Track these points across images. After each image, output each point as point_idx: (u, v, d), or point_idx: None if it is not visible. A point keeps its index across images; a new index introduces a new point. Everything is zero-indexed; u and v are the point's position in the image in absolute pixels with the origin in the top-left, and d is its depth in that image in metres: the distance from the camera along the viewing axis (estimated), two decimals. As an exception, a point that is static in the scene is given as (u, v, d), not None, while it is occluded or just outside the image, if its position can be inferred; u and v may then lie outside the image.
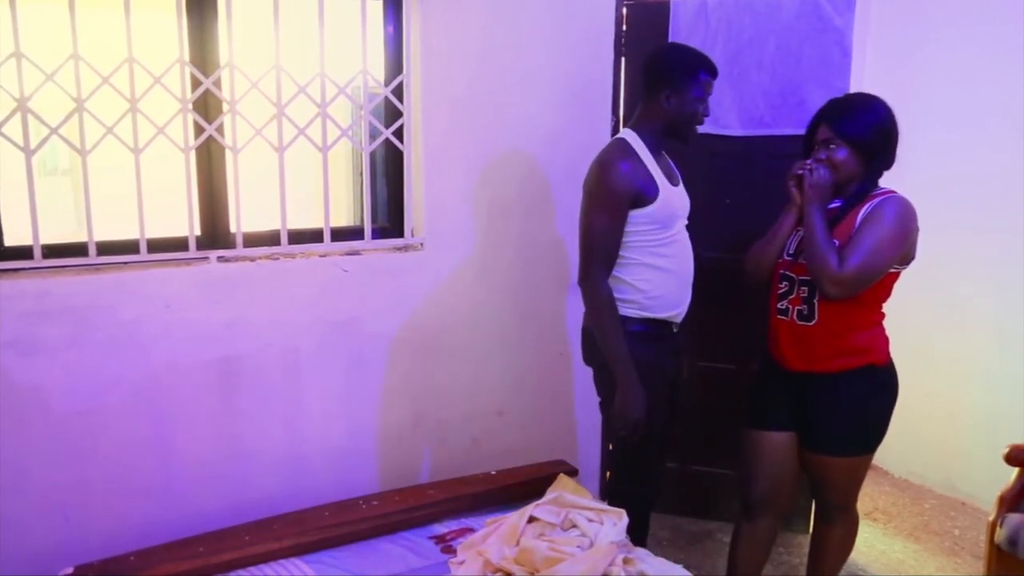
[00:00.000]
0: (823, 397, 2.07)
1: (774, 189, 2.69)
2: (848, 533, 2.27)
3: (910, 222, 1.97)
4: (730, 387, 2.83)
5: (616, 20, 2.77)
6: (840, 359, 2.03)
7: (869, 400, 2.06)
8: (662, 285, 2.12)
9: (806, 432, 2.14)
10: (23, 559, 2.05)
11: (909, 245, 1.98)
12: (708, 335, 2.81)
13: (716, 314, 2.55)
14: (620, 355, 2.04)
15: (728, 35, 2.68)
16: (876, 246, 1.92)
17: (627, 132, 2.15)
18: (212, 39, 2.21)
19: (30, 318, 2.00)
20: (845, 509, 2.22)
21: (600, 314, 2.07)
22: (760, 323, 2.34)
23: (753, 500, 2.23)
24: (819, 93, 2.60)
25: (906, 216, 1.96)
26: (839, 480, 2.16)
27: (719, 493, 3.00)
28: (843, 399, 2.05)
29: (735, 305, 2.81)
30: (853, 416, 2.06)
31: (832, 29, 2.57)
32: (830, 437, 2.09)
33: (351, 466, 2.50)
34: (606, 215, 2.05)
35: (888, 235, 1.93)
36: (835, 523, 2.24)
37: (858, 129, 2.00)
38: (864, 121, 2.00)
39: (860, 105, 2.04)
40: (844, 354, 2.03)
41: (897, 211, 1.96)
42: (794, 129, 2.65)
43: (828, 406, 2.07)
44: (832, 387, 2.05)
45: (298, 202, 2.56)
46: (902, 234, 1.94)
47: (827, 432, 2.09)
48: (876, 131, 2.00)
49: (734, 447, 2.95)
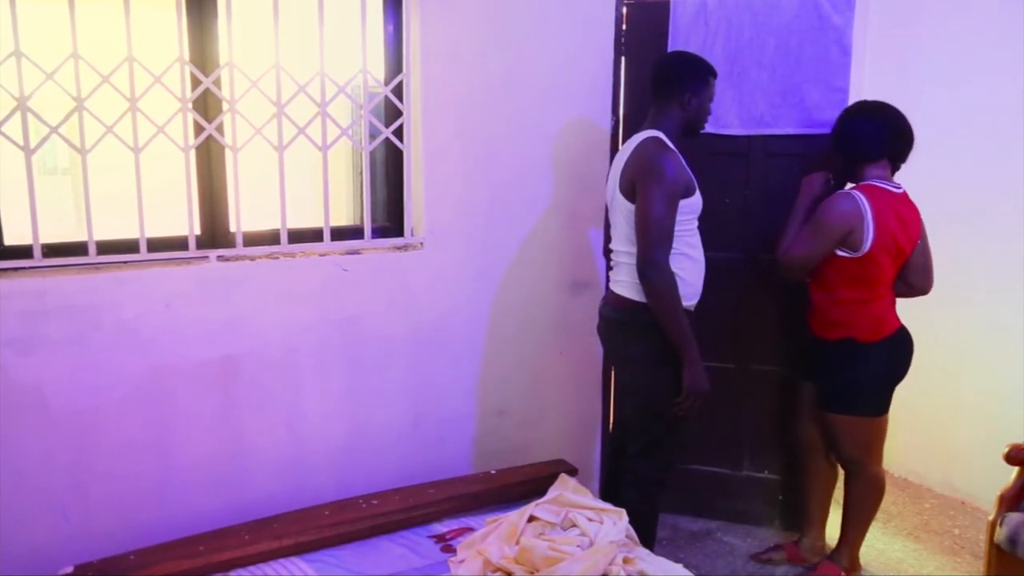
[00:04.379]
0: (820, 360, 2.50)
1: (773, 188, 2.76)
2: (863, 492, 2.51)
3: (841, 221, 2.27)
4: (728, 386, 2.83)
5: (616, 20, 2.77)
6: (828, 330, 2.44)
7: (846, 368, 2.41)
8: (694, 273, 2.26)
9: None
10: (23, 558, 2.05)
11: (843, 237, 2.28)
12: (707, 334, 2.80)
13: (715, 313, 2.54)
14: (688, 334, 2.17)
15: (728, 35, 2.68)
16: (807, 239, 2.33)
17: (655, 132, 2.22)
18: (212, 38, 2.21)
19: (30, 317, 1.99)
20: (855, 465, 2.50)
21: (670, 296, 2.14)
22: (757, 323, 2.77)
23: (795, 436, 2.64)
24: (818, 92, 2.63)
25: (837, 213, 2.28)
26: (837, 435, 2.49)
27: (718, 492, 3.00)
28: (829, 363, 2.46)
29: (733, 304, 2.81)
30: (834, 379, 2.45)
31: (831, 28, 2.59)
32: (822, 394, 2.50)
33: (351, 465, 2.50)
34: (667, 201, 2.12)
35: (819, 230, 2.30)
36: (850, 479, 2.54)
37: (836, 128, 2.42)
38: (842, 123, 2.40)
39: (854, 110, 2.42)
40: (830, 326, 2.43)
41: (832, 208, 2.29)
42: (794, 128, 2.69)
43: (821, 367, 2.50)
44: (824, 352, 2.47)
45: (298, 201, 2.56)
46: (830, 229, 2.28)
47: (820, 389, 2.52)
48: (844, 134, 2.38)
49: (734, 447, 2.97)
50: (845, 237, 2.29)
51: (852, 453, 2.48)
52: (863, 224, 2.27)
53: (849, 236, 2.28)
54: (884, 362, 2.41)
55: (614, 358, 2.44)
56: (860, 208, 2.27)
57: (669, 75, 2.27)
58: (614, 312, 2.30)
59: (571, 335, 2.87)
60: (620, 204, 2.21)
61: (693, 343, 2.18)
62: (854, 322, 2.38)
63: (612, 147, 2.80)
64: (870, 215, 2.27)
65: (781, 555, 2.73)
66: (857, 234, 2.28)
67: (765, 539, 2.86)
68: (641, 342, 2.24)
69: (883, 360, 2.41)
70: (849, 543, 2.58)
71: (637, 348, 2.26)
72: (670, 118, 2.26)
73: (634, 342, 2.26)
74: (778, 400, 2.84)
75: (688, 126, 2.29)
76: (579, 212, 2.82)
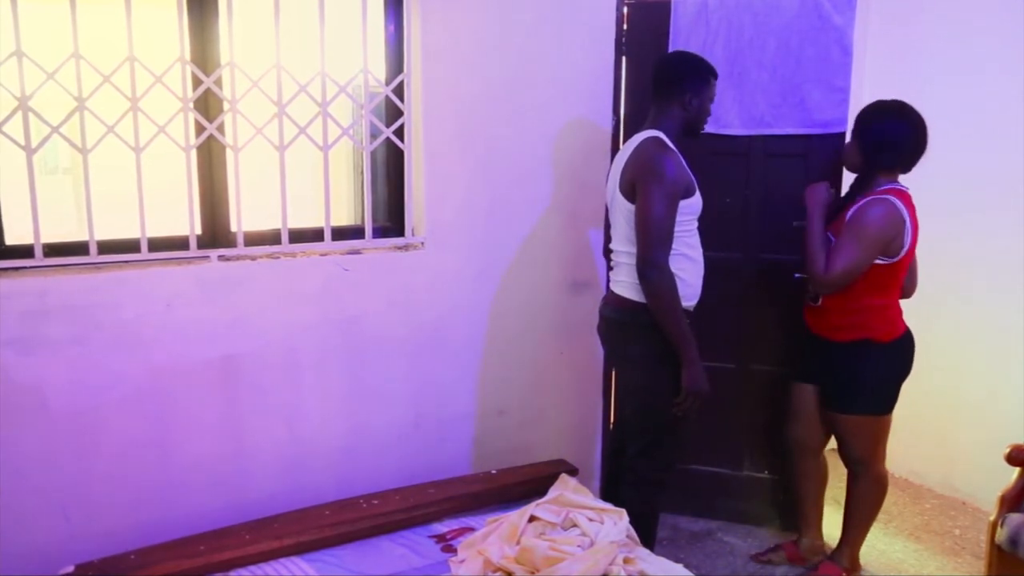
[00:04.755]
0: (826, 360, 2.49)
1: (773, 188, 2.78)
2: (865, 490, 2.53)
3: (887, 227, 2.24)
4: (728, 387, 2.83)
5: (617, 20, 2.77)
6: (841, 333, 2.42)
7: (864, 369, 2.41)
8: (694, 274, 2.26)
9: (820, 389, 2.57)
10: (24, 557, 2.05)
11: (887, 244, 2.26)
12: (707, 335, 2.80)
13: (715, 314, 2.54)
14: (688, 335, 2.17)
15: (728, 35, 2.67)
16: (854, 251, 2.26)
17: (655, 132, 2.22)
18: (213, 38, 2.21)
19: (31, 317, 2.00)
20: (861, 464, 2.51)
21: (670, 297, 2.14)
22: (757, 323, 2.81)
23: (789, 437, 2.64)
24: (819, 92, 2.63)
25: (883, 220, 2.24)
26: (848, 436, 2.50)
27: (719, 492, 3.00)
28: (842, 364, 2.44)
29: (733, 304, 2.81)
30: (849, 380, 2.44)
31: (832, 28, 2.58)
32: (832, 395, 2.50)
33: (352, 465, 2.50)
34: (667, 202, 2.12)
35: (865, 240, 2.25)
36: (853, 478, 2.56)
37: (861, 125, 2.35)
38: (871, 121, 2.33)
39: (880, 108, 2.35)
40: (844, 329, 2.42)
41: (875, 216, 2.25)
42: (794, 128, 2.69)
43: (830, 369, 2.49)
44: (833, 354, 2.46)
45: (299, 201, 2.56)
46: (878, 237, 2.24)
47: (828, 391, 2.51)
48: (876, 133, 2.32)
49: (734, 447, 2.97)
50: (889, 244, 2.26)
51: (861, 453, 2.49)
52: (904, 229, 2.26)
53: (892, 243, 2.26)
54: (898, 361, 2.44)
55: (614, 358, 2.44)
56: (901, 214, 2.25)
57: (670, 75, 2.27)
58: (614, 312, 2.30)
59: (572, 335, 2.87)
60: (620, 204, 2.22)
61: (692, 343, 2.18)
62: (872, 324, 2.38)
63: (613, 147, 2.80)
64: (908, 220, 2.26)
65: (781, 555, 2.73)
66: (898, 240, 2.26)
67: (765, 539, 2.86)
68: (641, 342, 2.24)
69: (897, 359, 2.43)
70: (850, 543, 2.59)
71: (637, 348, 2.26)
72: (671, 118, 2.26)
73: (634, 342, 2.26)
74: (778, 400, 2.81)
75: (688, 126, 2.29)
76: (580, 212, 2.82)
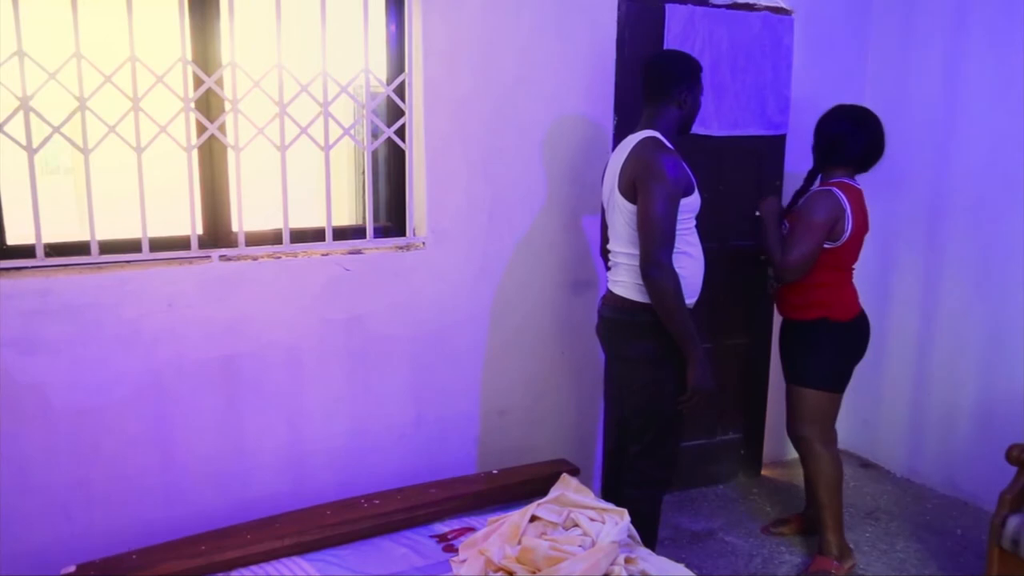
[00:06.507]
0: (788, 337, 2.72)
1: (741, 182, 3.08)
2: (815, 470, 2.63)
3: (828, 215, 2.46)
4: (714, 366, 2.87)
5: (617, 20, 2.77)
6: (804, 311, 2.62)
7: (822, 345, 2.59)
8: (695, 271, 2.26)
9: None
10: (25, 557, 2.06)
11: (830, 229, 2.48)
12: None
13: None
14: (692, 333, 2.18)
15: (711, 44, 2.88)
16: (804, 239, 2.48)
17: (653, 132, 2.22)
18: (214, 38, 2.22)
19: (32, 317, 2.00)
20: (808, 441, 2.63)
21: (675, 296, 2.14)
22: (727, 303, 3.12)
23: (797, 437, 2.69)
24: (773, 99, 3.06)
25: (824, 210, 2.47)
26: (801, 409, 2.64)
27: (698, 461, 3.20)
28: (796, 340, 2.66)
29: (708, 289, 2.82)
30: (799, 352, 2.64)
31: (782, 46, 3.04)
32: (793, 369, 2.68)
33: (353, 465, 2.51)
34: (668, 201, 2.13)
35: (813, 227, 2.47)
36: (802, 459, 2.69)
37: (818, 126, 2.60)
38: (826, 123, 2.57)
39: (837, 112, 2.57)
40: (806, 307, 2.61)
41: (817, 206, 2.48)
42: (756, 130, 3.06)
43: (788, 343, 2.72)
44: (796, 331, 2.66)
45: (300, 201, 2.57)
46: (821, 224, 2.46)
47: (790, 365, 2.70)
48: (828, 134, 2.55)
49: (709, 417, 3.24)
50: (832, 229, 2.48)
51: (808, 429, 2.63)
52: (844, 216, 2.48)
53: (834, 228, 2.49)
54: (852, 340, 2.62)
55: (614, 358, 2.44)
56: (841, 203, 2.48)
57: (665, 74, 2.25)
58: (613, 312, 2.30)
59: (572, 335, 2.87)
60: (619, 205, 2.21)
61: (697, 341, 2.19)
62: (829, 302, 2.57)
63: (614, 147, 2.80)
64: (848, 208, 2.48)
65: (791, 527, 2.89)
66: (840, 225, 2.48)
67: (766, 540, 2.86)
68: (641, 342, 2.24)
69: (852, 338, 2.62)
70: (828, 528, 2.64)
71: (637, 348, 2.26)
72: (666, 117, 2.25)
73: (634, 342, 2.26)
74: (748, 368, 3.25)
75: (682, 124, 2.30)
76: (580, 212, 2.82)
